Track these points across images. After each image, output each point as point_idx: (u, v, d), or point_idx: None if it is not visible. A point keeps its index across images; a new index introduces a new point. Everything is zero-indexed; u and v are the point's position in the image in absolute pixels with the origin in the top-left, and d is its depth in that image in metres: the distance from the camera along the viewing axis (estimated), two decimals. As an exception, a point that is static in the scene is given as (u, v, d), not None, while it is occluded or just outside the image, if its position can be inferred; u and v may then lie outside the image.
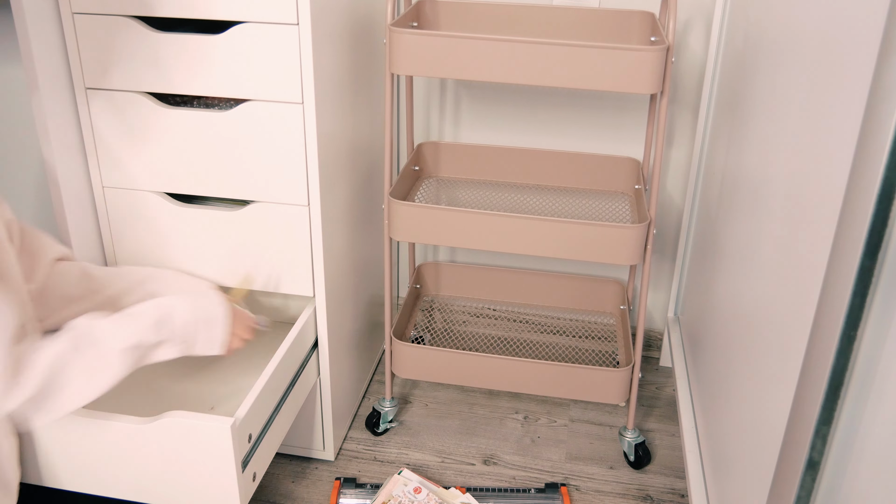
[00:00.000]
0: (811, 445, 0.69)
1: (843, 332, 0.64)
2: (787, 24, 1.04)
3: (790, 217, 0.93)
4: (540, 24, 1.48)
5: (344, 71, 1.33)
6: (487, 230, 1.35)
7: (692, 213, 1.67)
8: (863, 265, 0.61)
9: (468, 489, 1.43)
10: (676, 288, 1.75)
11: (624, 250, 1.32)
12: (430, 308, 1.78)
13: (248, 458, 1.13)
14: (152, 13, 1.18)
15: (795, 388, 0.73)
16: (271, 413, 1.21)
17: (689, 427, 1.42)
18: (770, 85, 1.10)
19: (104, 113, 1.27)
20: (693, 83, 1.61)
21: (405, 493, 1.38)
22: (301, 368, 1.33)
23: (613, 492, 1.47)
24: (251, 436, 1.14)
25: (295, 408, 1.33)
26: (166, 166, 1.29)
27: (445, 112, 1.73)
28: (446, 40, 1.22)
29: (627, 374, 1.45)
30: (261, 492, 1.44)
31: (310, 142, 1.23)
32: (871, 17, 0.70)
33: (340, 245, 1.42)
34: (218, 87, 1.21)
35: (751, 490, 0.99)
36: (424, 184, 1.63)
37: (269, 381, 1.18)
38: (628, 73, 1.19)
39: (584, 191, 1.62)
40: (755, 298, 1.07)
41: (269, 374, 1.19)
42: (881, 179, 0.58)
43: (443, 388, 1.73)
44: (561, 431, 1.62)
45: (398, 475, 1.42)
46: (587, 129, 1.69)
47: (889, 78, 0.58)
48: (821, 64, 0.86)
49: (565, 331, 1.72)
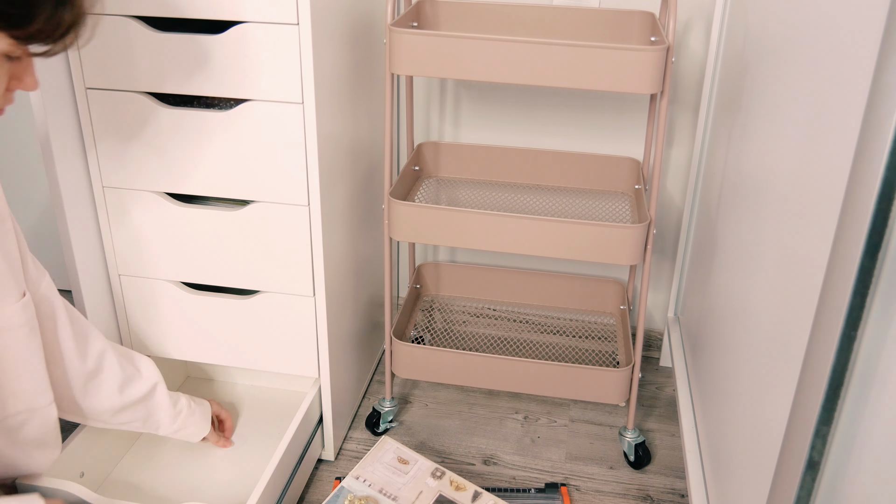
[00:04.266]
0: (811, 445, 0.69)
1: (843, 332, 0.64)
2: (787, 24, 1.04)
3: (790, 217, 0.93)
4: (540, 24, 1.48)
5: (344, 71, 1.33)
6: (487, 230, 1.35)
7: (692, 213, 1.67)
8: (863, 265, 0.61)
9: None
10: (676, 288, 1.75)
11: (624, 250, 1.32)
12: (430, 308, 1.78)
13: None
14: (153, 13, 1.18)
15: (795, 388, 0.73)
16: None
17: (689, 427, 1.42)
18: (770, 85, 1.10)
19: (104, 113, 1.27)
20: (693, 83, 1.61)
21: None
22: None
23: (613, 492, 1.47)
24: None
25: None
26: (166, 166, 1.29)
27: (445, 112, 1.73)
28: (446, 40, 1.22)
29: (627, 374, 1.45)
30: (261, 492, 1.44)
31: (310, 142, 1.23)
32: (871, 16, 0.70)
33: (340, 245, 1.42)
34: (218, 87, 1.21)
35: (751, 490, 0.99)
36: (424, 184, 1.63)
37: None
38: (628, 73, 1.19)
39: (584, 191, 1.62)
40: (755, 298, 1.07)
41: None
42: (881, 179, 0.58)
43: (443, 388, 1.73)
44: (561, 431, 1.62)
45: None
46: (587, 129, 1.69)
47: (889, 78, 0.58)
48: (821, 63, 0.86)
49: (565, 331, 1.72)
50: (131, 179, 1.31)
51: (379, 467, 1.34)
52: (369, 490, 1.30)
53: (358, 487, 1.30)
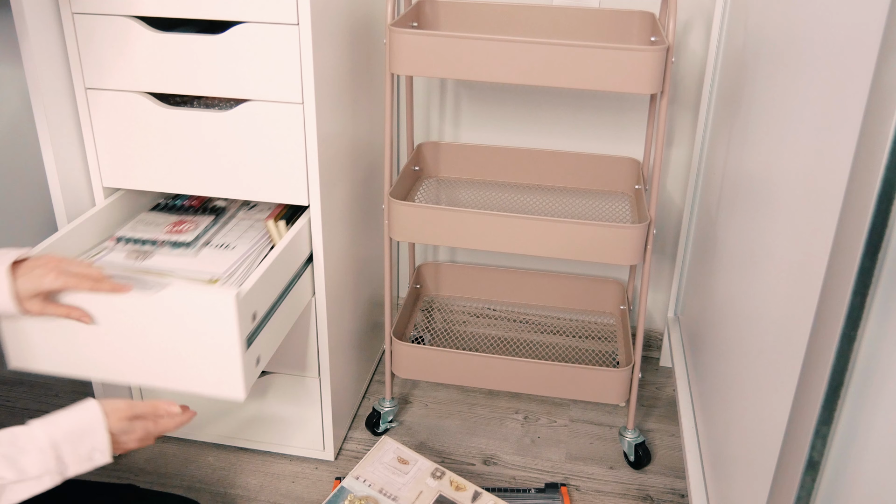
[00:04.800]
0: (811, 445, 0.69)
1: (843, 332, 0.64)
2: (787, 24, 1.04)
3: (790, 217, 0.93)
4: (540, 24, 1.48)
5: (344, 71, 1.33)
6: (487, 230, 1.35)
7: (692, 213, 1.67)
8: (863, 265, 0.61)
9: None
10: (676, 288, 1.75)
11: (624, 250, 1.32)
12: (430, 308, 1.78)
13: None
14: (153, 13, 1.18)
15: (795, 388, 0.73)
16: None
17: (689, 427, 1.42)
18: (770, 85, 1.10)
19: (104, 113, 1.27)
20: (693, 83, 1.61)
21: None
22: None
23: (613, 492, 1.47)
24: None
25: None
26: (166, 166, 1.29)
27: (445, 112, 1.73)
28: (446, 40, 1.22)
29: (627, 374, 1.45)
30: (261, 492, 1.44)
31: (310, 142, 1.23)
32: (871, 17, 0.70)
33: (340, 245, 1.42)
34: (218, 87, 1.21)
35: (751, 490, 0.99)
36: (424, 184, 1.63)
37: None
38: (628, 73, 1.19)
39: (584, 191, 1.62)
40: (755, 298, 1.07)
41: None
42: (881, 179, 0.58)
43: (443, 388, 1.73)
44: (561, 431, 1.62)
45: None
46: (587, 129, 1.69)
47: (889, 78, 0.58)
48: (821, 64, 0.86)
49: (565, 331, 1.72)
50: (131, 180, 1.31)
51: (379, 467, 1.34)
52: (369, 490, 1.30)
53: (358, 487, 1.30)
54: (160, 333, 1.07)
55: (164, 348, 1.07)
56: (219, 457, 1.52)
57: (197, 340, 1.06)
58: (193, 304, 1.04)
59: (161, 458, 1.51)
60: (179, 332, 1.06)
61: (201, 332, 1.05)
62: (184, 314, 1.05)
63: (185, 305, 1.04)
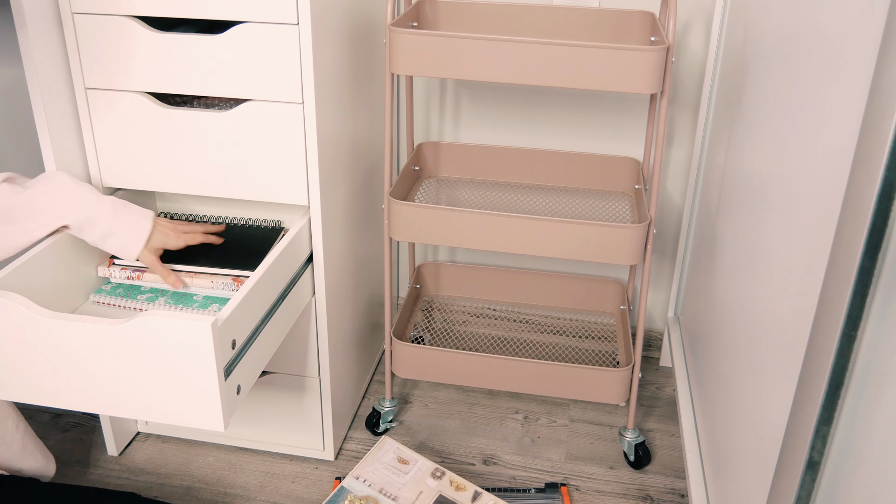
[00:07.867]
0: (811, 445, 0.69)
1: (843, 332, 0.64)
2: (787, 24, 1.04)
3: (790, 217, 0.93)
4: (540, 24, 1.48)
5: (344, 71, 1.33)
6: (487, 230, 1.35)
7: (692, 213, 1.67)
8: (863, 265, 0.61)
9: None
10: (676, 288, 1.75)
11: (624, 250, 1.32)
12: (429, 308, 1.78)
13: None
14: (153, 13, 1.18)
15: (795, 388, 0.73)
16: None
17: (689, 427, 1.42)
18: (770, 85, 1.10)
19: (104, 113, 1.27)
20: (693, 83, 1.61)
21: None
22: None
23: (613, 492, 1.47)
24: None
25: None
26: (166, 166, 1.29)
27: (445, 112, 1.73)
28: (446, 40, 1.22)
29: (627, 374, 1.45)
30: (261, 492, 1.44)
31: (310, 142, 1.23)
32: (870, 16, 0.70)
33: (340, 245, 1.42)
34: (218, 87, 1.21)
35: (751, 490, 0.99)
36: (424, 184, 1.63)
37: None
38: (628, 73, 1.19)
39: (584, 191, 1.62)
40: (755, 298, 1.07)
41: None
42: (881, 179, 0.58)
43: (443, 388, 1.73)
44: (561, 431, 1.62)
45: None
46: (587, 129, 1.69)
47: (889, 78, 0.58)
48: (821, 64, 0.86)
49: (565, 331, 1.72)
50: (131, 180, 1.31)
51: (379, 467, 1.34)
52: (369, 490, 1.30)
53: (358, 487, 1.30)
54: (135, 363, 1.02)
55: (140, 378, 1.03)
56: (219, 457, 1.52)
57: (174, 371, 1.01)
58: (168, 332, 0.99)
59: (161, 458, 1.51)
60: (155, 361, 1.01)
61: (177, 362, 1.00)
62: (158, 343, 1.00)
63: (158, 334, 0.99)
